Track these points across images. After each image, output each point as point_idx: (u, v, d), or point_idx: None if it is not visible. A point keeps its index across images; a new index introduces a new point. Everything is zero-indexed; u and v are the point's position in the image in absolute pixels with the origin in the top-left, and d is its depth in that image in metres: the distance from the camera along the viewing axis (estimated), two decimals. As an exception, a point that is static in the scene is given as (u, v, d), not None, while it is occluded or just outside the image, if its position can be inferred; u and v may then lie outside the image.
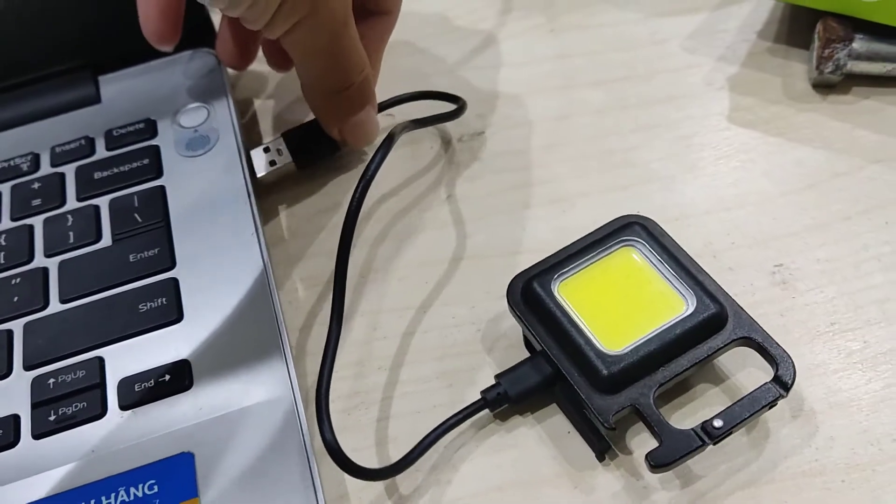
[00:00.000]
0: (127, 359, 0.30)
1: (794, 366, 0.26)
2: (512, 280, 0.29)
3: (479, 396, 0.28)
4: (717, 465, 0.27)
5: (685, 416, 0.28)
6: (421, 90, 0.38)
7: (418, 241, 0.34)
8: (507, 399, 0.28)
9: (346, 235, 0.32)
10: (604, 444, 0.27)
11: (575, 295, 0.28)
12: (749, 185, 0.34)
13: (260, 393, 0.29)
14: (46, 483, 0.27)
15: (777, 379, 0.26)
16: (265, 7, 0.29)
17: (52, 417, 0.29)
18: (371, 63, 0.35)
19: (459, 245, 0.34)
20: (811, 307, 0.30)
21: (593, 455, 0.28)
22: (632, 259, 0.29)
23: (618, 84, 0.39)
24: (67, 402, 0.29)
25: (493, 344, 0.31)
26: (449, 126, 0.38)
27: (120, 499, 0.27)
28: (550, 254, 0.30)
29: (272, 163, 0.36)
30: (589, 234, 0.30)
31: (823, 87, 0.37)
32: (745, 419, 0.25)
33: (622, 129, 0.37)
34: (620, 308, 0.28)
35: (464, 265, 0.33)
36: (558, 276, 0.29)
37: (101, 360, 0.30)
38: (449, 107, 0.37)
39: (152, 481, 0.27)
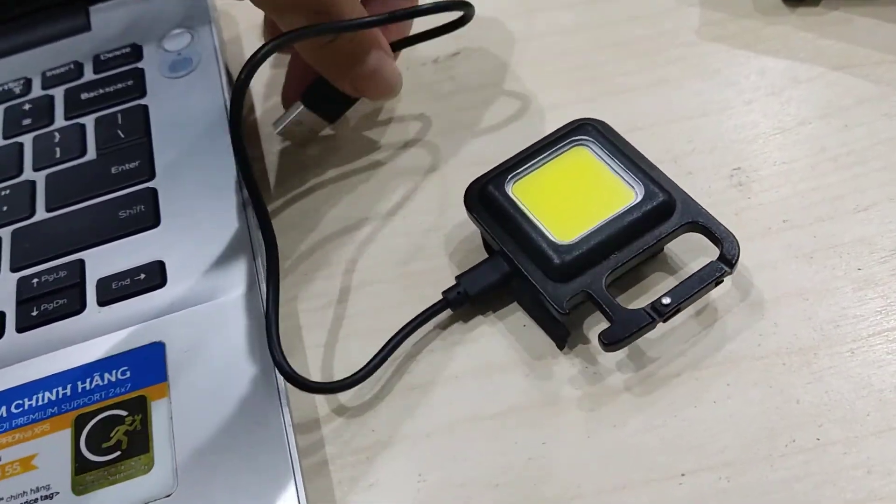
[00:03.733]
0: (106, 260, 0.31)
1: (737, 244, 0.27)
2: (469, 185, 0.30)
3: (441, 297, 0.29)
4: (667, 349, 0.28)
5: (639, 304, 0.29)
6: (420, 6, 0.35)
7: (389, 155, 0.35)
8: (467, 298, 0.29)
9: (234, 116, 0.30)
10: (562, 332, 0.28)
11: (528, 193, 0.29)
12: (712, 95, 0.34)
13: (229, 289, 0.30)
14: (28, 371, 0.29)
15: (722, 257, 0.27)
16: None
17: (35, 313, 0.30)
18: None
19: (430, 158, 0.35)
20: (765, 206, 0.31)
21: (551, 346, 0.29)
22: (583, 156, 0.30)
23: (589, 3, 0.39)
24: (49, 299, 0.31)
25: (455, 248, 0.32)
26: (423, 47, 0.39)
27: (95, 383, 0.28)
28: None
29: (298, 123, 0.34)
30: (543, 137, 0.31)
31: (794, 0, 0.37)
32: (692, 295, 0.26)
33: (592, 46, 0.37)
34: (572, 202, 0.29)
35: (433, 177, 0.34)
36: (512, 178, 0.30)
37: (81, 262, 0.31)
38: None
39: (125, 367, 0.28)
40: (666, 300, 0.26)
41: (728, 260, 0.27)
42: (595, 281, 0.27)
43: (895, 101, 0.32)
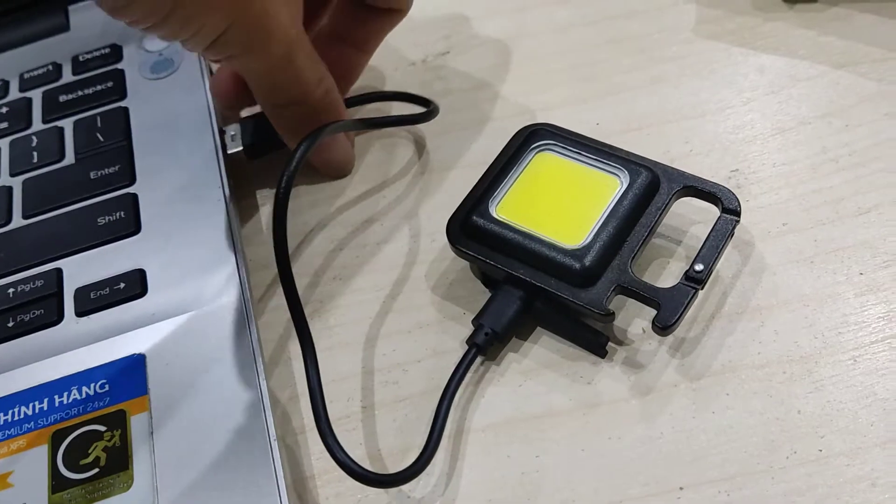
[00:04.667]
0: (85, 269, 0.30)
1: (733, 193, 0.27)
2: (448, 224, 0.29)
3: (467, 347, 0.27)
4: (664, 359, 0.27)
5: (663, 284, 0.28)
6: (393, 90, 0.36)
7: (380, 157, 0.34)
8: (496, 337, 0.27)
9: (278, 238, 0.29)
10: (601, 338, 0.27)
11: (515, 212, 0.28)
12: (710, 95, 0.34)
13: (211, 298, 0.29)
14: (4, 384, 0.28)
15: (725, 210, 0.27)
16: (193, 35, 0.26)
17: (11, 324, 0.29)
18: (349, 71, 0.34)
19: (420, 161, 0.34)
20: (764, 209, 0.30)
21: (543, 357, 0.28)
22: (549, 160, 0.29)
23: (583, 0, 0.38)
24: (26, 310, 0.30)
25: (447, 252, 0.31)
26: (412, 47, 0.38)
27: (72, 397, 0.27)
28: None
29: (224, 146, 0.33)
30: (498, 155, 0.30)
31: (792, -4, 0.36)
32: (718, 254, 0.26)
33: (586, 44, 0.37)
34: (562, 206, 0.28)
35: (422, 179, 0.33)
36: (492, 202, 0.28)
37: (59, 271, 0.30)
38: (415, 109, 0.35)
39: (103, 380, 0.27)
40: (698, 266, 0.26)
41: (732, 210, 0.27)
42: (622, 272, 0.26)
43: (897, 99, 0.32)
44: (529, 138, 0.30)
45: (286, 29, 0.28)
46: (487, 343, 0.27)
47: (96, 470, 0.25)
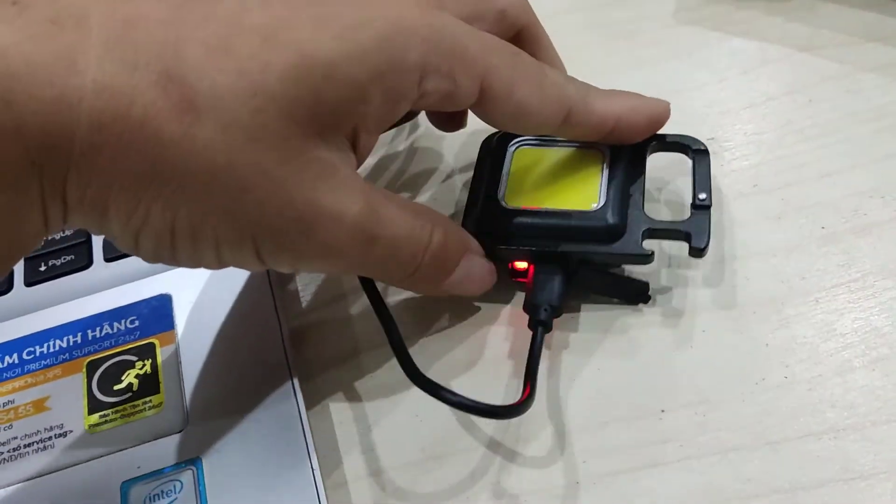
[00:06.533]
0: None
1: (695, 138, 0.31)
2: (475, 231, 0.29)
3: (533, 328, 0.28)
4: (651, 306, 0.30)
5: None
6: None
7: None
8: (555, 311, 0.28)
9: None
10: (643, 286, 0.29)
11: (525, 197, 0.30)
12: (688, 74, 0.37)
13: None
14: (38, 321, 0.30)
15: (695, 151, 0.31)
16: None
17: (43, 268, 0.31)
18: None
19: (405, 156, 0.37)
20: (737, 172, 0.33)
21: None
22: (531, 152, 0.31)
23: (569, -11, 0.41)
24: (57, 256, 0.32)
25: (447, 211, 0.34)
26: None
27: (104, 332, 0.29)
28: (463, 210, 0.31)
29: None
30: (477, 163, 0.32)
31: (763, -12, 0.39)
32: (710, 182, 0.29)
33: (571, 30, 0.39)
34: (562, 183, 0.30)
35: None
36: (501, 197, 0.30)
37: (88, 222, 0.33)
38: None
39: (133, 317, 0.30)
40: (701, 195, 0.29)
41: (701, 150, 0.31)
42: (644, 218, 0.29)
43: (856, 78, 0.35)
44: (501, 141, 0.32)
45: (343, 204, 0.23)
46: (549, 318, 0.28)
47: (129, 394, 0.28)
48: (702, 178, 0.30)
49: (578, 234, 0.29)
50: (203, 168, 0.21)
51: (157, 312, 0.30)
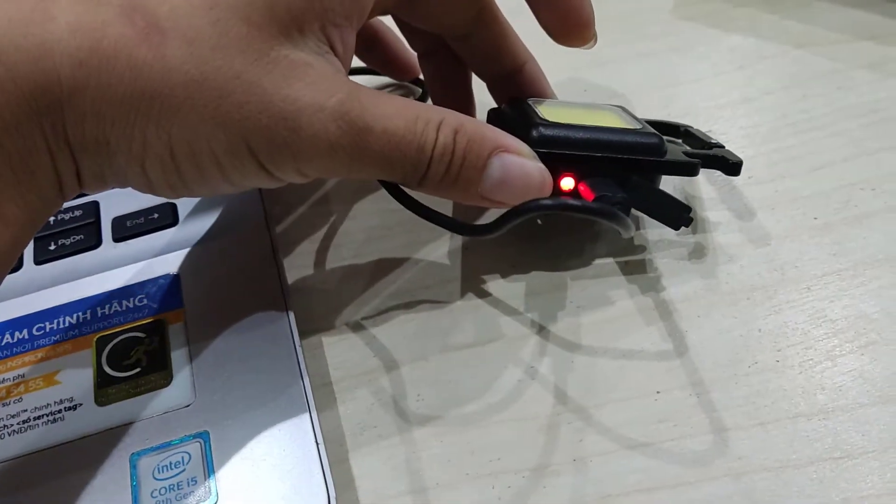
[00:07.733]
0: (120, 202, 0.33)
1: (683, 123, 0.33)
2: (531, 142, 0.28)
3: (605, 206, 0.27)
4: (642, 286, 0.30)
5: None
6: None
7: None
8: (627, 202, 0.28)
9: None
10: (685, 208, 0.29)
11: (563, 117, 0.29)
12: (687, 68, 0.38)
13: (238, 226, 0.32)
14: (48, 299, 0.31)
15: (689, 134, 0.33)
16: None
17: (53, 247, 0.32)
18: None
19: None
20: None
21: (531, 284, 0.31)
22: (553, 105, 0.31)
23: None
24: (66, 235, 0.32)
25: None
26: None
27: (114, 309, 0.30)
28: None
29: None
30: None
31: (760, -14, 0.40)
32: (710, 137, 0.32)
33: (575, 22, 0.40)
34: (593, 116, 0.30)
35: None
36: (542, 117, 0.29)
37: (96, 203, 0.33)
38: None
39: (142, 295, 0.30)
40: (713, 140, 0.32)
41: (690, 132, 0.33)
42: (676, 145, 0.31)
43: (848, 75, 0.36)
44: (516, 109, 0.31)
45: (323, 100, 0.24)
46: (625, 201, 0.27)
47: (138, 369, 0.28)
48: (700, 136, 0.32)
49: (624, 148, 0.28)
50: (179, 83, 0.22)
51: (166, 291, 0.30)
